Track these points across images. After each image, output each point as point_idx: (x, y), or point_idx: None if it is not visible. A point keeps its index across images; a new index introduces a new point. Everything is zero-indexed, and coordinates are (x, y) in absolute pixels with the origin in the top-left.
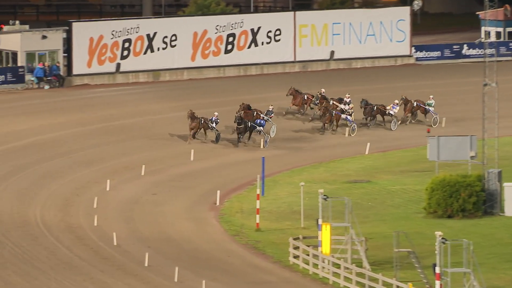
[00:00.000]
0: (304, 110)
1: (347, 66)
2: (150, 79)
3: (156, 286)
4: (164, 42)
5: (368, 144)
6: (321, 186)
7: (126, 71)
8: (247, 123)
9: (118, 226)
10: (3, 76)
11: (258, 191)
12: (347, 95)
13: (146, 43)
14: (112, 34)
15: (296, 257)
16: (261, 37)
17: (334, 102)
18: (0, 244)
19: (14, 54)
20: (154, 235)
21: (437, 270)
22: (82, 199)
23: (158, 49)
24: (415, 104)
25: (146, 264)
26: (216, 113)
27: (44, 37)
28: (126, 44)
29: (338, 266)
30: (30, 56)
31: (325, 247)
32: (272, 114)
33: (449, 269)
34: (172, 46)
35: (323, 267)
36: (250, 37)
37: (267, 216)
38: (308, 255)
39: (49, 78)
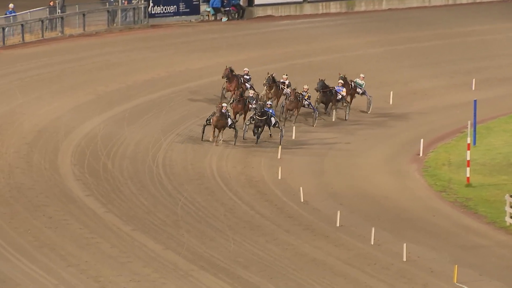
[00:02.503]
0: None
1: None
2: (343, 9)
3: (349, 249)
4: None
5: None
6: None
7: (315, 0)
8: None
9: (305, 180)
10: (174, 6)
11: (468, 140)
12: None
13: None
14: None
15: None
16: None
17: (282, 86)
18: (172, 199)
19: None
20: (347, 191)
21: None
22: (264, 148)
23: None
24: (352, 84)
25: (337, 224)
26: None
27: None
28: None
29: None
30: None
31: None
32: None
33: None
34: None
35: None
36: None
37: (480, 169)
38: None
39: (227, 8)
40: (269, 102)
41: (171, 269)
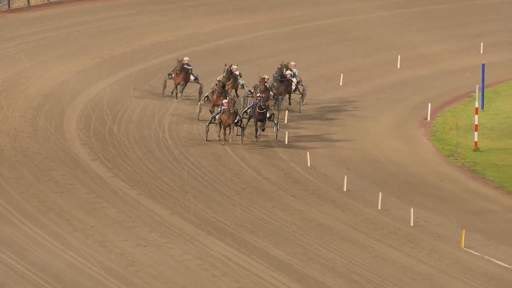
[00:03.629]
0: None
1: None
2: None
3: (356, 214)
4: None
5: None
6: None
7: None
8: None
9: (312, 145)
10: None
11: (476, 104)
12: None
13: None
14: None
15: None
16: None
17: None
18: (178, 164)
19: None
20: (354, 156)
21: None
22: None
23: None
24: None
25: (344, 189)
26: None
27: None
28: None
29: None
30: None
31: None
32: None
33: None
34: None
35: None
36: None
37: (488, 134)
38: None
39: None
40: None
41: (177, 234)
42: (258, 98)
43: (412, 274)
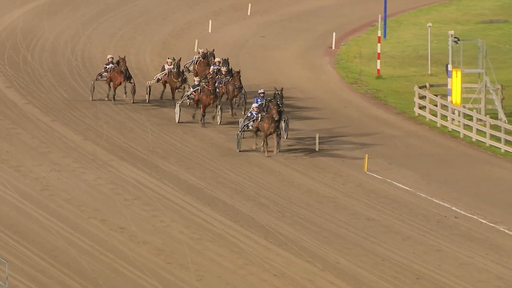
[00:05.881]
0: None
1: None
2: None
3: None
4: None
5: None
6: (452, 27)
7: None
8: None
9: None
10: None
11: (379, 33)
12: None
13: None
14: None
15: (422, 108)
16: None
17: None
18: (96, 84)
19: None
20: (263, 83)
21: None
22: (181, 42)
23: None
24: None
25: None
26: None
27: None
28: None
29: (469, 118)
30: None
31: (455, 97)
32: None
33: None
34: None
35: (453, 119)
36: None
37: (389, 62)
38: (435, 105)
39: None
40: (261, 91)
41: (90, 159)
42: (260, 94)
43: (317, 197)
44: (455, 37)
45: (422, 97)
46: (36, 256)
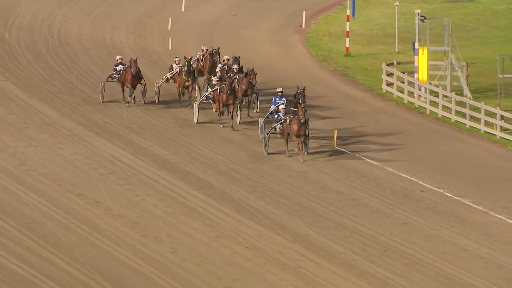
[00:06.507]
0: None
1: None
2: None
3: (235, 117)
4: None
5: None
6: (418, 6)
7: None
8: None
9: (195, 51)
10: None
11: (348, 12)
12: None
13: None
14: None
15: (389, 84)
16: None
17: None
18: (67, 69)
19: None
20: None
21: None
22: (156, 21)
23: None
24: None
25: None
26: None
27: None
28: None
29: (436, 94)
30: None
31: (422, 74)
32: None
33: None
34: None
35: (419, 96)
36: None
37: (358, 40)
38: (403, 82)
39: None
40: (279, 89)
41: (66, 135)
42: (279, 93)
43: (288, 171)
44: (421, 16)
45: (390, 74)
46: (13, 229)
